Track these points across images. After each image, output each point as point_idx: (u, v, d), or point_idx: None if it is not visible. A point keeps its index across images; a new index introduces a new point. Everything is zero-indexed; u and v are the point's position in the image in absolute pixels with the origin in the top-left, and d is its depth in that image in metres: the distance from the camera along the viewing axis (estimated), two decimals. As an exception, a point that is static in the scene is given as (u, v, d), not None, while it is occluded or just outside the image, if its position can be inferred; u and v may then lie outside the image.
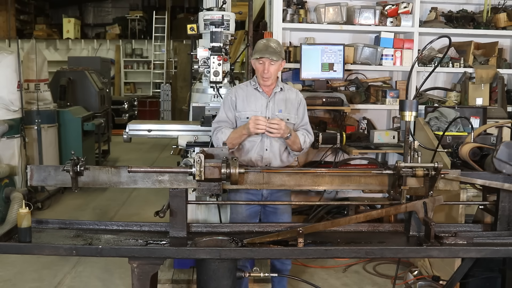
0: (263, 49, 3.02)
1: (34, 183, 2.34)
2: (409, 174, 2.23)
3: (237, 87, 3.26)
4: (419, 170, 2.21)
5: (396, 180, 2.26)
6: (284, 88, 3.19)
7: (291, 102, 3.16)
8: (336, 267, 4.30)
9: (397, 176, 2.24)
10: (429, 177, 2.24)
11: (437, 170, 2.20)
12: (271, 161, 3.10)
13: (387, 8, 5.04)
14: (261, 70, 3.05)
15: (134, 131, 3.66)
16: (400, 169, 2.21)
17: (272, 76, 3.07)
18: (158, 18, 15.50)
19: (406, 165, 2.21)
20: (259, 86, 3.13)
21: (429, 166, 2.21)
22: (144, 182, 2.32)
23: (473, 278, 2.66)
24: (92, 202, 6.42)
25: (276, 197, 3.13)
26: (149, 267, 2.19)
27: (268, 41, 3.10)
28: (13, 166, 5.55)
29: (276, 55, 3.01)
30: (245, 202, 3.07)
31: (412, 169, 2.22)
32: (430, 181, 2.25)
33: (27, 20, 16.64)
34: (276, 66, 3.05)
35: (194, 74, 4.32)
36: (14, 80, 5.63)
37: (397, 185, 2.25)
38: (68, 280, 4.08)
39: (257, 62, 3.06)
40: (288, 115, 3.13)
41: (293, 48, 5.04)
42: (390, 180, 2.34)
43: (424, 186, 2.28)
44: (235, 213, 3.18)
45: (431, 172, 2.21)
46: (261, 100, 3.13)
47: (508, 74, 5.29)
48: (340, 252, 2.30)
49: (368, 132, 4.94)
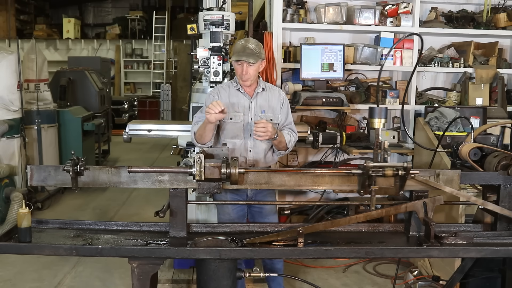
0: (241, 51, 2.98)
1: (34, 183, 2.33)
2: (379, 174, 2.21)
3: (219, 87, 3.21)
4: (388, 170, 2.19)
5: (365, 180, 2.24)
6: (266, 87, 3.16)
7: (274, 102, 3.14)
8: (336, 267, 4.30)
9: (367, 176, 2.22)
10: (399, 177, 2.22)
11: (406, 169, 2.19)
12: (255, 162, 3.09)
13: (387, 8, 5.04)
14: (240, 72, 3.02)
15: (134, 131, 3.66)
16: (369, 169, 2.20)
17: (252, 77, 3.03)
18: (158, 18, 15.50)
19: (375, 165, 2.19)
20: (241, 87, 3.10)
21: (398, 166, 2.19)
22: (144, 182, 2.32)
23: (473, 278, 2.66)
24: (92, 202, 6.42)
25: (260, 197, 3.11)
26: (149, 267, 2.19)
27: (246, 42, 3.04)
28: (13, 166, 5.55)
29: (253, 57, 2.96)
30: (244, 203, 3.08)
31: (382, 169, 2.20)
32: (401, 181, 2.24)
33: (27, 20, 16.64)
34: (255, 67, 3.01)
35: (194, 74, 4.32)
36: (14, 80, 5.63)
37: (367, 185, 2.23)
38: (68, 280, 4.08)
39: (236, 63, 3.03)
40: (271, 115, 3.11)
41: (293, 48, 5.04)
42: (360, 180, 2.32)
43: (395, 186, 2.26)
44: (222, 214, 3.16)
45: (401, 172, 2.20)
46: (243, 101, 3.10)
47: (508, 74, 5.29)
48: (340, 252, 2.30)
49: (368, 132, 4.94)
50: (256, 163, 3.09)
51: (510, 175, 2.36)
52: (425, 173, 2.35)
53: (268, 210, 3.17)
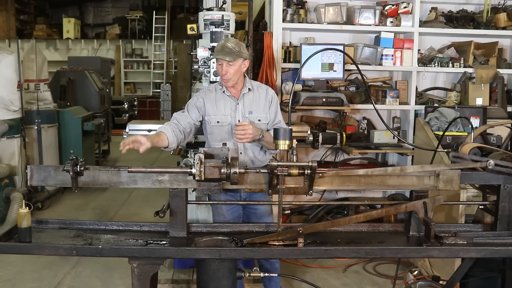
0: (219, 50, 2.93)
1: (34, 183, 2.33)
2: (285, 173, 2.18)
3: (206, 90, 3.15)
4: (294, 169, 2.18)
5: (272, 179, 2.21)
6: (253, 87, 3.10)
7: (261, 102, 3.08)
8: (336, 267, 4.30)
9: (272, 175, 2.19)
10: (308, 176, 2.19)
11: (313, 169, 2.17)
12: (248, 164, 3.06)
13: (387, 8, 5.04)
14: (220, 72, 2.97)
15: (134, 131, 3.66)
16: (273, 168, 2.17)
17: (232, 77, 2.96)
18: (158, 18, 15.50)
19: (279, 164, 2.17)
20: (226, 89, 3.05)
21: (304, 165, 2.17)
22: (144, 182, 2.32)
23: (473, 278, 2.66)
24: (92, 202, 6.42)
25: (255, 198, 3.04)
26: (149, 267, 2.19)
27: (225, 42, 2.99)
28: (13, 166, 5.55)
29: (231, 55, 2.89)
30: (245, 203, 3.07)
31: (287, 168, 2.17)
32: (309, 180, 2.22)
33: (27, 20, 16.64)
34: (235, 67, 2.94)
35: (194, 74, 4.32)
36: (14, 80, 5.63)
37: (275, 184, 2.21)
38: (68, 280, 4.08)
39: (216, 64, 2.99)
40: (259, 116, 3.07)
41: (293, 48, 5.04)
42: (267, 179, 2.28)
43: (304, 186, 2.23)
44: (217, 215, 3.13)
45: (307, 171, 2.18)
46: (229, 104, 3.05)
47: (508, 74, 5.29)
48: (340, 252, 2.30)
49: (368, 132, 4.95)
50: (249, 165, 3.05)
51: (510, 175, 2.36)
52: (426, 173, 2.35)
53: (263, 211, 3.12)
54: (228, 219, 3.07)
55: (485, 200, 2.55)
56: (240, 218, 3.16)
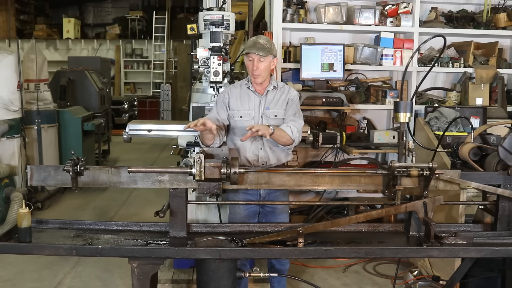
0: (251, 46, 3.00)
1: (34, 183, 2.34)
2: (404, 174, 2.22)
3: (231, 86, 3.24)
4: (414, 170, 2.20)
5: (390, 180, 2.25)
6: (278, 86, 3.16)
7: (282, 100, 3.13)
8: (336, 267, 4.30)
9: (392, 176, 2.23)
10: (424, 177, 2.23)
11: (432, 170, 2.20)
12: (267, 159, 3.10)
13: (387, 8, 5.04)
14: (250, 67, 3.03)
15: (134, 131, 3.65)
16: (394, 169, 2.20)
17: (263, 73, 3.02)
18: (158, 18, 15.49)
19: (400, 165, 2.20)
20: (251, 85, 3.11)
21: (423, 166, 2.20)
22: (144, 182, 2.32)
23: (473, 278, 2.66)
24: (92, 202, 6.42)
25: (274, 197, 3.12)
26: (149, 267, 2.19)
27: (257, 38, 3.07)
28: (13, 166, 5.55)
29: (263, 50, 2.96)
30: (244, 202, 3.07)
31: (407, 169, 2.21)
32: (425, 181, 2.24)
33: (27, 20, 16.64)
34: (266, 63, 3.01)
35: (194, 74, 4.31)
36: (14, 80, 5.63)
37: (392, 185, 2.24)
38: (68, 280, 4.08)
39: (247, 59, 3.04)
40: (276, 111, 3.11)
41: (293, 48, 5.04)
42: (384, 180, 2.33)
43: (419, 186, 2.27)
44: (233, 214, 3.18)
45: (426, 172, 2.20)
46: (254, 99, 3.11)
47: (508, 74, 5.29)
48: (340, 252, 2.31)
49: (368, 132, 4.94)
50: (268, 161, 3.09)
51: (510, 175, 2.36)
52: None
53: (281, 210, 3.17)
54: (244, 216, 3.10)
55: (485, 200, 2.55)
56: (255, 215, 3.18)
